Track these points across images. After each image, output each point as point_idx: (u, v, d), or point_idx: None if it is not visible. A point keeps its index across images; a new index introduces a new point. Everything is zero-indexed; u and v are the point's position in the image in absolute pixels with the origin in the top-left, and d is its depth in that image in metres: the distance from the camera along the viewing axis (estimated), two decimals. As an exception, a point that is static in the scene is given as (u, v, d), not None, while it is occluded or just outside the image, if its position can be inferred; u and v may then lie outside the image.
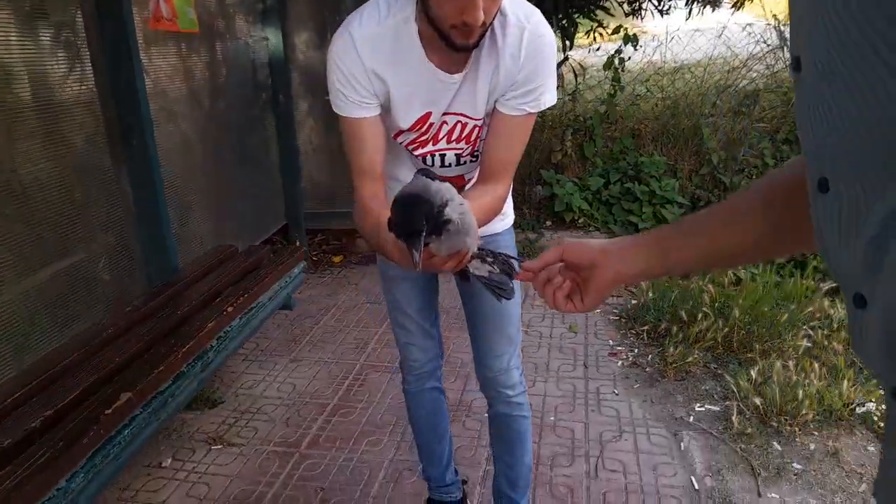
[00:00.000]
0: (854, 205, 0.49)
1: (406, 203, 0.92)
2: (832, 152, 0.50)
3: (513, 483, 1.74)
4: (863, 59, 0.42)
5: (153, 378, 1.71)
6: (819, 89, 0.49)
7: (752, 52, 4.78)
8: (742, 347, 2.78)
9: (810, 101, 0.51)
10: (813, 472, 2.12)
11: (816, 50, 0.47)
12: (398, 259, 1.11)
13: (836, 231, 0.51)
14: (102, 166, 2.50)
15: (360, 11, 1.27)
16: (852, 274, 0.51)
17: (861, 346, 0.53)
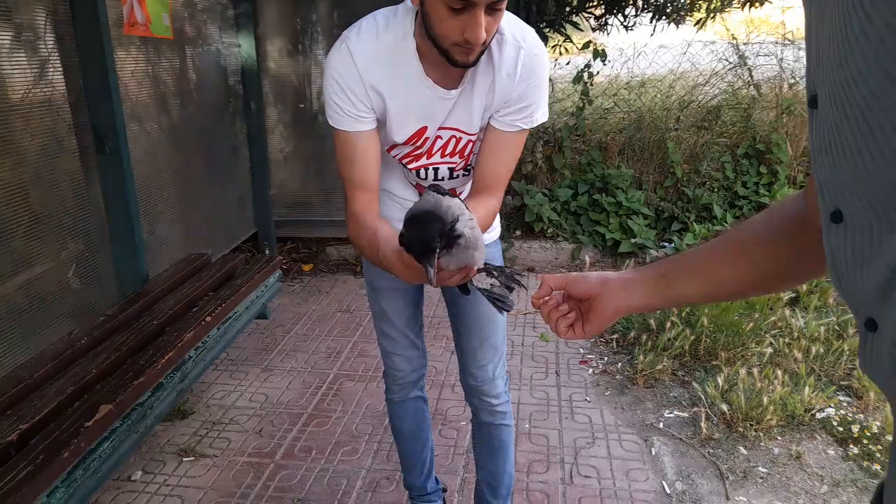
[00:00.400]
0: (868, 236, 0.52)
1: (420, 220, 0.94)
2: (846, 185, 0.53)
3: (494, 491, 1.76)
4: (883, 94, 0.45)
5: (132, 390, 1.68)
6: (835, 124, 0.52)
7: (714, 69, 4.94)
8: (708, 355, 2.86)
9: (826, 136, 0.54)
10: (777, 475, 2.20)
11: (835, 87, 0.50)
12: (400, 273, 1.12)
13: (850, 260, 0.54)
14: (73, 173, 2.45)
15: (357, 26, 1.28)
16: (864, 300, 0.54)
17: (870, 365, 0.56)
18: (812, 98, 0.56)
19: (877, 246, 0.52)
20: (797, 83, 4.98)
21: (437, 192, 1.03)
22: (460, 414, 2.60)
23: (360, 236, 1.29)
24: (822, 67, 0.53)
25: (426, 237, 0.93)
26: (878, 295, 0.52)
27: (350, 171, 1.35)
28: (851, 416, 2.44)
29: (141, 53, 2.91)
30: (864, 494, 2.10)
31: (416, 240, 0.94)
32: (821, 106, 0.54)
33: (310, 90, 4.14)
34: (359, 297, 3.78)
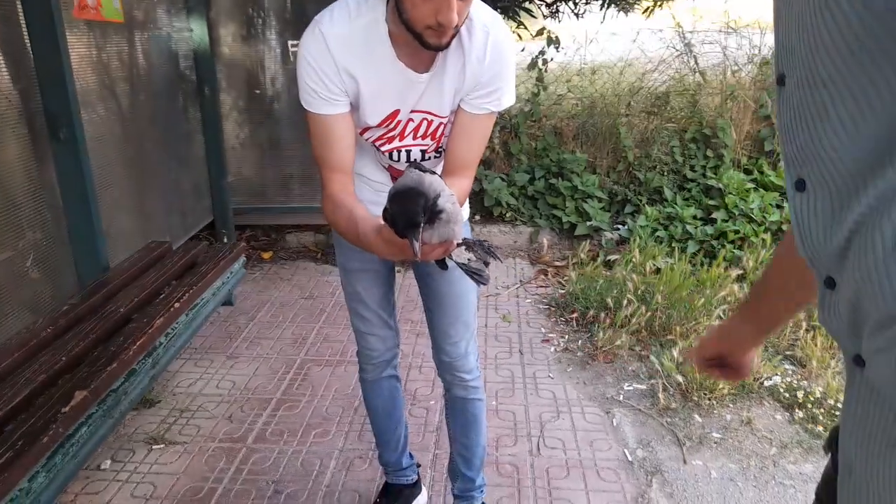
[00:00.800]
0: (828, 202, 0.57)
1: (404, 196, 0.97)
2: (810, 155, 0.58)
3: (468, 462, 1.83)
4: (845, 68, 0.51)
5: (106, 376, 1.67)
6: (801, 99, 0.58)
7: (662, 56, 5.09)
8: (663, 330, 2.99)
9: (792, 111, 0.60)
10: (730, 440, 2.34)
11: (801, 64, 0.56)
12: (380, 250, 1.15)
13: (813, 224, 0.60)
14: (26, 161, 2.38)
15: (329, 10, 1.30)
16: (825, 261, 0.60)
17: (828, 320, 0.62)
18: (780, 77, 0.62)
19: (837, 211, 0.57)
20: (739, 70, 5.18)
21: (419, 169, 1.07)
22: (429, 394, 2.66)
23: (337, 217, 1.32)
24: (790, 47, 0.58)
25: (410, 212, 0.97)
26: (837, 255, 0.58)
27: (325, 154, 1.37)
28: (796, 383, 2.60)
29: (91, 38, 2.83)
30: (809, 454, 2.25)
31: (400, 215, 0.98)
32: (788, 83, 0.60)
33: (264, 76, 4.10)
34: (321, 284, 3.79)
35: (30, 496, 1.34)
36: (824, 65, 0.54)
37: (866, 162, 0.53)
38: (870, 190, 0.53)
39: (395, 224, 0.99)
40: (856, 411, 0.60)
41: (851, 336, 0.59)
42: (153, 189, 3.37)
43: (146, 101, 3.31)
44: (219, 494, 2.08)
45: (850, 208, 0.55)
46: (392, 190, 1.00)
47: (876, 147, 0.52)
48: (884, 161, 0.51)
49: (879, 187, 0.52)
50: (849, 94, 0.52)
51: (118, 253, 2.85)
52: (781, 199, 4.12)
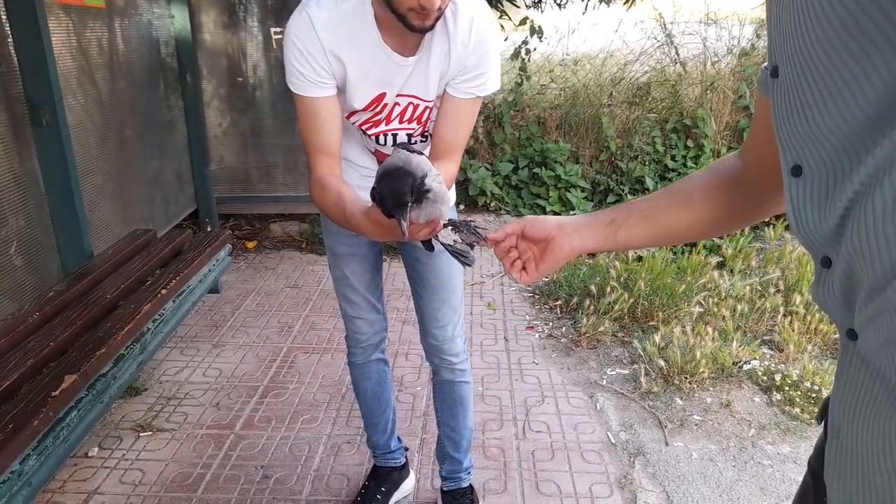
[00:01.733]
0: (824, 185, 0.60)
1: (392, 176, 0.98)
2: (806, 141, 0.61)
3: (456, 444, 1.86)
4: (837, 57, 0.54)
5: (95, 360, 1.67)
6: (796, 88, 0.60)
7: (644, 47, 5.14)
8: (645, 316, 3.05)
9: (788, 100, 0.62)
10: (710, 422, 2.40)
11: (795, 55, 0.59)
12: (368, 231, 1.16)
13: (809, 207, 0.62)
14: (7, 147, 2.35)
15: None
16: (821, 241, 0.62)
17: (823, 298, 0.64)
18: (773, 69, 0.64)
19: (832, 191, 0.59)
20: (719, 61, 5.24)
21: (406, 150, 1.08)
22: (415, 380, 2.68)
23: (325, 199, 1.33)
24: (783, 40, 0.61)
25: (398, 192, 0.98)
26: (833, 234, 0.60)
27: (312, 136, 1.38)
28: (774, 366, 2.67)
29: (72, 23, 2.79)
30: (787, 435, 2.32)
31: (388, 194, 0.99)
32: (782, 75, 0.63)
33: (247, 63, 4.07)
34: (306, 273, 3.79)
35: (22, 478, 1.35)
36: (815, 47, 0.56)
37: (861, 141, 0.55)
38: (864, 166, 0.55)
39: (383, 203, 1.00)
40: (846, 381, 0.63)
41: (844, 310, 0.62)
42: (135, 177, 3.34)
43: (127, 89, 3.27)
44: (208, 480, 2.09)
45: (844, 186, 0.58)
46: (380, 170, 1.02)
47: (870, 126, 0.54)
48: (876, 138, 0.54)
49: (873, 162, 0.54)
50: (843, 80, 0.54)
51: (101, 242, 2.83)
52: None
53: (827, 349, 2.84)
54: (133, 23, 3.33)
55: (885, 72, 0.51)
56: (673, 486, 2.08)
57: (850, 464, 0.63)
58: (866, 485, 0.61)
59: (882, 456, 0.58)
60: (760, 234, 3.91)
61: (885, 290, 0.55)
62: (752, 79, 4.73)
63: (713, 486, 2.08)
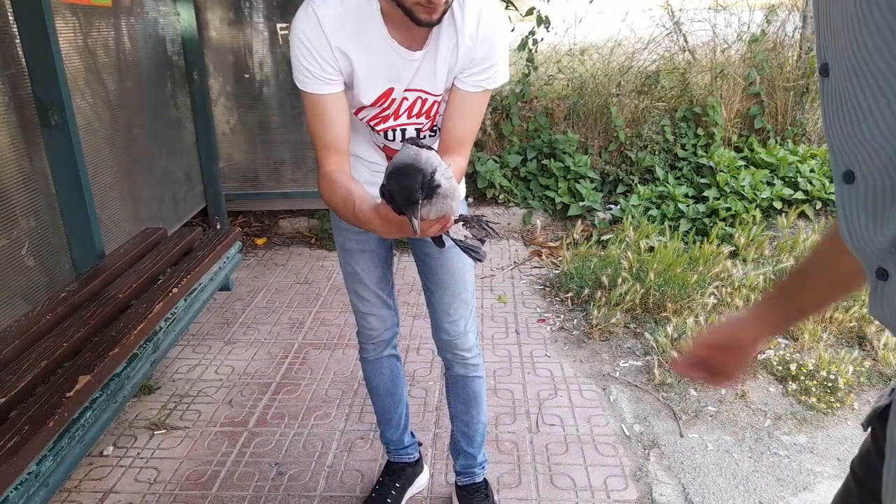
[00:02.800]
0: (879, 194, 0.57)
1: (402, 173, 0.97)
2: (859, 149, 0.58)
3: (470, 439, 1.85)
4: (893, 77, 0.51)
5: (109, 360, 1.68)
6: (850, 95, 0.57)
7: (653, 35, 5.09)
8: (658, 307, 3.03)
9: (839, 104, 0.59)
10: (725, 413, 2.38)
11: (849, 62, 0.56)
12: (377, 228, 1.15)
13: (861, 216, 0.59)
14: (16, 148, 2.36)
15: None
16: (876, 253, 0.60)
17: (879, 310, 0.62)
18: (823, 66, 0.61)
19: (889, 202, 0.57)
20: (729, 48, 5.18)
21: (416, 145, 1.07)
22: (427, 375, 2.68)
23: (334, 196, 1.31)
24: (835, 41, 0.58)
25: (408, 189, 0.97)
26: (890, 247, 0.58)
27: (321, 133, 1.38)
28: (789, 356, 2.64)
29: (78, 23, 2.79)
30: (803, 425, 2.30)
31: (398, 192, 0.97)
32: (832, 76, 0.60)
33: (253, 60, 4.06)
34: (316, 269, 3.79)
35: (39, 479, 1.35)
36: (870, 54, 0.53)
37: None
38: None
39: (394, 201, 0.99)
40: None
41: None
42: (144, 176, 3.35)
43: (135, 87, 3.28)
44: (222, 477, 2.09)
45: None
46: (389, 167, 1.00)
47: None
48: None
49: None
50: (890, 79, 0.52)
51: (112, 240, 2.84)
52: (772, 177, 4.16)
53: (842, 337, 2.81)
54: (139, 21, 3.33)
55: None
56: (689, 478, 2.07)
57: None
58: None
59: None
60: (773, 223, 3.88)
61: None
62: (763, 65, 4.67)
63: (729, 477, 2.07)
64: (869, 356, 2.68)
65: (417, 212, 0.98)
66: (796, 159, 4.25)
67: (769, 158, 4.25)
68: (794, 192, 4.02)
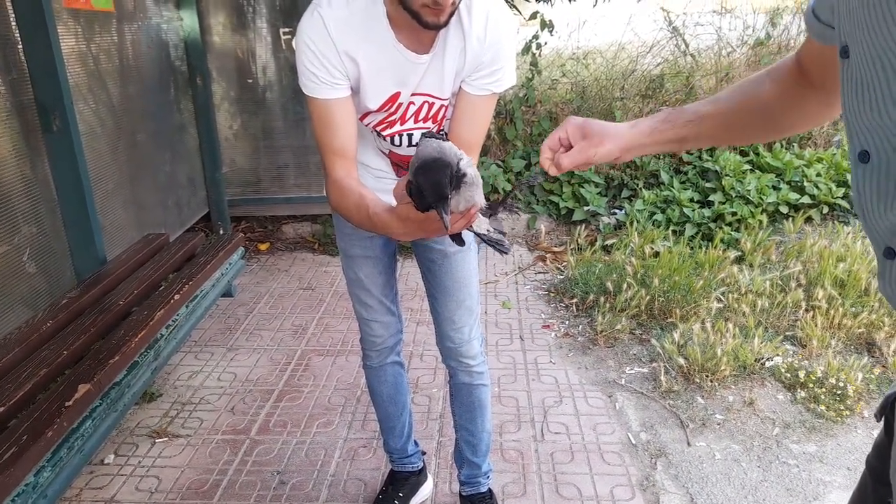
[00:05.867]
0: (893, 175, 0.57)
1: (431, 168, 0.93)
2: (876, 130, 0.58)
3: (475, 449, 1.82)
4: None
5: (109, 369, 1.66)
6: (870, 78, 0.57)
7: (657, 38, 5.07)
8: (663, 313, 3.00)
9: (857, 84, 0.60)
10: (733, 421, 2.35)
11: (870, 48, 0.56)
12: (397, 229, 1.10)
13: (874, 195, 0.60)
14: (18, 154, 2.34)
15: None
16: (885, 232, 0.60)
17: (889, 289, 0.62)
18: (843, 48, 0.62)
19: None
20: (734, 51, 5.17)
21: (434, 138, 1.04)
22: (431, 382, 2.65)
23: (345, 202, 1.29)
24: (856, 27, 0.59)
25: (439, 184, 0.92)
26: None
27: (328, 139, 1.35)
28: (797, 363, 2.61)
29: (81, 28, 2.79)
30: (812, 434, 2.26)
31: (429, 187, 0.93)
32: (853, 59, 0.60)
33: (256, 65, 4.05)
34: (319, 274, 3.77)
35: (36, 490, 1.33)
36: (892, 36, 0.53)
37: None
38: None
39: (421, 197, 0.95)
40: None
41: None
42: (147, 182, 3.33)
43: (137, 93, 3.27)
44: (224, 486, 2.07)
45: None
46: (415, 161, 0.96)
47: None
48: None
49: None
50: None
51: (114, 246, 2.83)
52: (778, 181, 4.13)
53: (851, 344, 2.77)
54: (142, 26, 3.32)
55: None
56: (696, 487, 2.04)
57: None
58: None
59: None
60: (780, 228, 3.84)
61: None
62: (768, 69, 4.64)
63: (738, 487, 2.04)
64: (878, 363, 2.65)
65: (448, 207, 0.94)
66: (802, 163, 4.22)
67: (775, 162, 4.22)
68: (800, 197, 3.99)
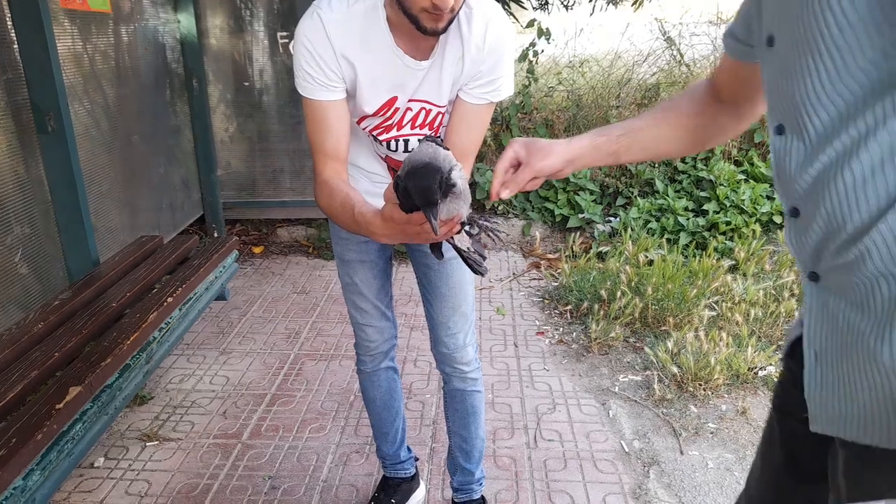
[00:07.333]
0: (804, 144, 0.71)
1: (422, 173, 0.92)
2: (793, 106, 0.71)
3: (468, 455, 1.82)
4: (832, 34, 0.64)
5: (100, 371, 1.64)
6: (790, 54, 0.70)
7: (653, 48, 5.10)
8: (657, 322, 3.00)
9: (780, 65, 0.72)
10: (726, 430, 2.35)
11: (793, 26, 0.69)
12: (379, 230, 1.08)
13: (790, 160, 0.74)
14: (12, 154, 2.33)
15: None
16: (795, 194, 0.74)
17: (792, 243, 0.77)
18: (769, 38, 0.75)
19: (811, 152, 0.71)
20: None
21: (435, 143, 1.03)
22: (424, 388, 2.65)
23: (332, 202, 1.27)
24: (783, 16, 0.72)
25: (428, 189, 0.91)
26: (806, 190, 0.72)
27: (321, 140, 1.35)
28: (789, 372, 2.61)
29: (77, 29, 2.78)
30: (803, 442, 2.27)
31: (418, 192, 0.92)
32: (778, 45, 0.73)
33: (253, 68, 4.05)
34: (313, 278, 3.76)
35: (25, 494, 1.32)
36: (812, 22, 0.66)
37: (842, 112, 0.66)
38: (847, 133, 0.66)
39: (408, 199, 0.94)
40: (819, 315, 0.76)
41: (813, 258, 0.75)
42: (142, 183, 3.32)
43: (133, 94, 3.26)
44: (215, 491, 2.05)
45: (823, 150, 0.69)
46: (406, 164, 0.96)
47: (853, 99, 0.65)
48: (857, 113, 0.64)
49: (855, 130, 0.65)
50: (833, 53, 0.65)
51: (107, 248, 2.81)
52: (772, 190, 4.15)
53: (843, 354, 2.78)
54: (139, 28, 3.31)
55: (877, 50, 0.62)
56: (689, 496, 2.04)
57: (835, 382, 0.74)
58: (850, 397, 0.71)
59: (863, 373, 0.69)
60: (773, 237, 3.86)
61: (860, 241, 0.66)
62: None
63: (731, 496, 2.03)
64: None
65: (437, 213, 0.93)
66: (796, 174, 4.24)
67: (769, 172, 4.24)
68: (793, 207, 4.00)
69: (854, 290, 0.69)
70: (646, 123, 1.07)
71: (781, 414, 0.97)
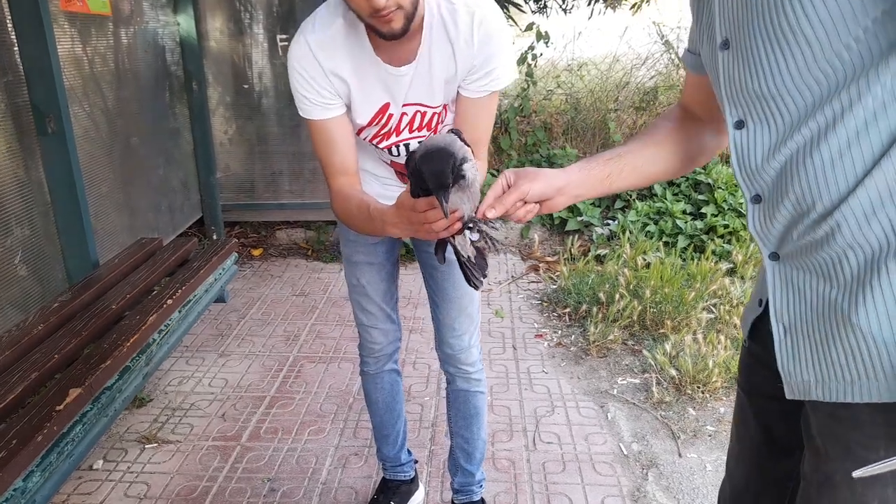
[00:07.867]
0: (769, 136, 0.76)
1: (436, 156, 0.94)
2: (756, 100, 0.76)
3: (470, 456, 1.82)
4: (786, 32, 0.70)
5: (100, 373, 1.65)
6: (743, 55, 0.75)
7: (651, 51, 5.12)
8: (656, 324, 3.01)
9: (734, 65, 0.78)
10: (724, 433, 2.35)
11: (745, 30, 0.74)
12: (393, 218, 1.11)
13: (753, 153, 0.78)
14: (12, 156, 2.33)
15: (313, 17, 1.33)
16: (758, 182, 0.80)
17: (755, 227, 0.82)
18: (724, 42, 0.79)
19: (776, 142, 0.75)
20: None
21: (457, 135, 1.04)
22: (423, 390, 2.65)
23: (348, 206, 1.32)
24: (735, 21, 0.76)
25: (441, 173, 0.93)
26: (772, 178, 0.77)
27: (328, 157, 1.39)
28: (787, 375, 2.62)
29: (78, 31, 2.78)
30: (801, 445, 2.27)
31: (430, 174, 0.94)
32: (732, 48, 0.78)
33: (252, 70, 4.06)
34: (312, 281, 3.76)
35: (25, 496, 1.32)
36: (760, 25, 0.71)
37: (812, 100, 0.70)
38: (811, 122, 0.70)
39: (420, 180, 0.95)
40: (780, 290, 0.80)
41: (779, 239, 0.79)
42: (141, 186, 3.33)
43: (133, 97, 3.26)
44: (214, 493, 2.06)
45: (791, 137, 0.73)
46: (421, 148, 0.97)
47: (822, 88, 0.69)
48: (825, 100, 0.69)
49: (822, 118, 0.69)
50: (803, 45, 0.68)
51: (106, 250, 2.81)
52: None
53: (841, 357, 2.79)
54: (139, 30, 3.32)
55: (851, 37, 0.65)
56: (687, 498, 2.04)
57: (808, 350, 0.78)
58: (826, 362, 0.75)
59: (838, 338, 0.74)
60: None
61: (829, 218, 0.71)
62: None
63: (729, 498, 2.04)
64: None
65: (448, 196, 0.94)
66: (793, 177, 4.25)
67: (766, 176, 4.25)
68: (791, 210, 4.02)
69: (822, 264, 0.74)
70: (633, 146, 1.10)
71: (749, 395, 1.02)
